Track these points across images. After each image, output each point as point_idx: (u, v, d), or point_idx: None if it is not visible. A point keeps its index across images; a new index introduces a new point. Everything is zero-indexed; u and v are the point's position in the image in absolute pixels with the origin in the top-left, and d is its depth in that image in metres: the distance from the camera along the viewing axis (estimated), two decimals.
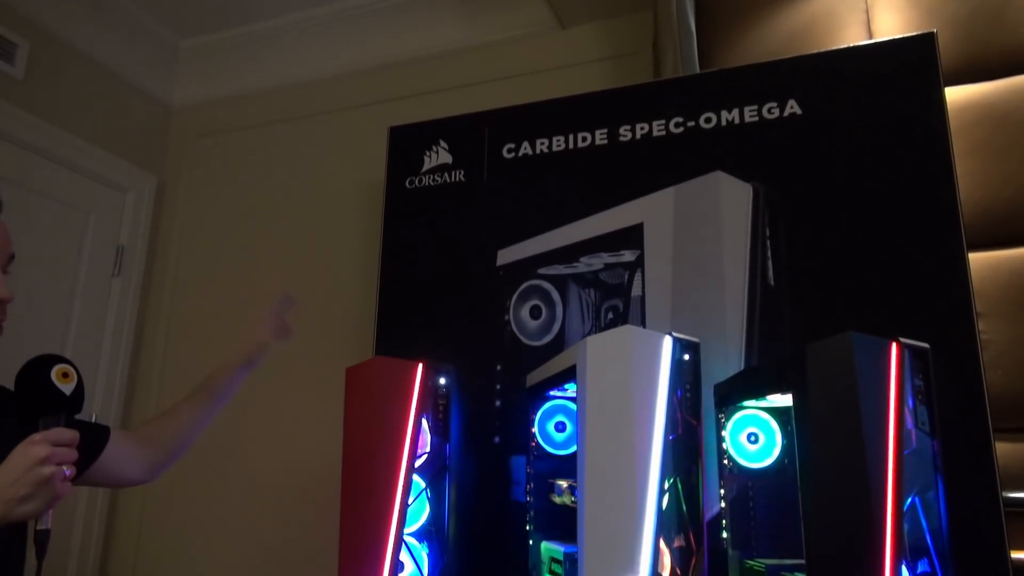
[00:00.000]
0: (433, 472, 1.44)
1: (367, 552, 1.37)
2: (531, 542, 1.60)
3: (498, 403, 1.92)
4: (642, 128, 1.94)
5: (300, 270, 2.45)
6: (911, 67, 1.71)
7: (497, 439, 1.89)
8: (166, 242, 2.70)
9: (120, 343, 2.55)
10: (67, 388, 0.98)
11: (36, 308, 2.25)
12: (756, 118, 1.83)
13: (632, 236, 1.88)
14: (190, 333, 2.57)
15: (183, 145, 2.76)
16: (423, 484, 1.44)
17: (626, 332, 1.31)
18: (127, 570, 2.40)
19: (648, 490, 1.24)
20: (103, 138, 2.54)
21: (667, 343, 1.30)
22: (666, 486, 1.27)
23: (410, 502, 1.42)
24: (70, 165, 2.43)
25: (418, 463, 1.44)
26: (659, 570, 1.23)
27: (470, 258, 2.03)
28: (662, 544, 1.25)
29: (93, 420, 2.40)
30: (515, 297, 1.97)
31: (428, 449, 1.46)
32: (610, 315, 1.87)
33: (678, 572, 1.26)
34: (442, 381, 1.45)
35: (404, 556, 1.43)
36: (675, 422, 1.29)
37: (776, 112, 1.82)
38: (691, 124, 1.90)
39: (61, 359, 1.00)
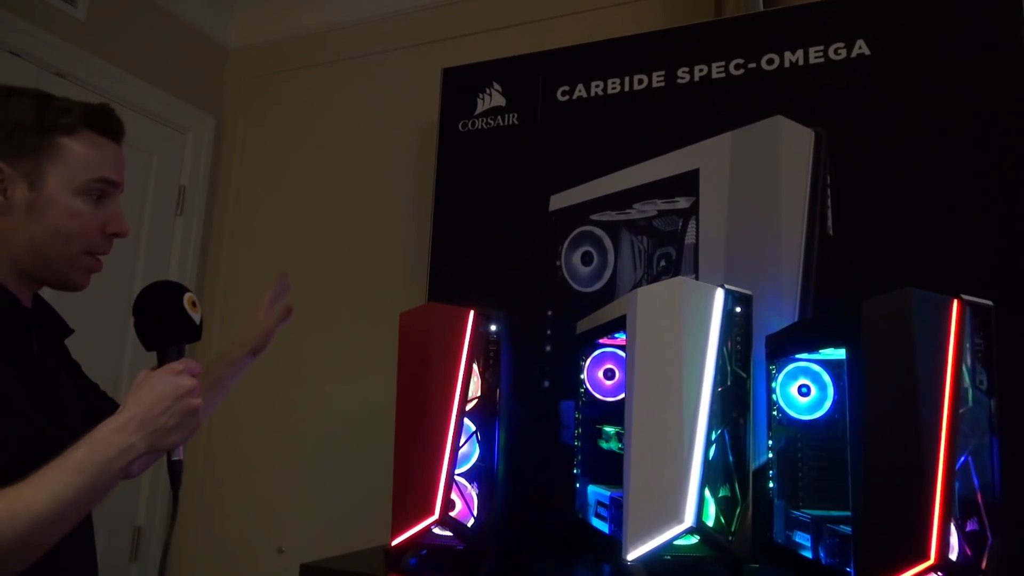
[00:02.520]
0: (483, 416, 1.47)
1: (420, 490, 1.41)
2: (578, 485, 1.64)
3: (548, 348, 1.94)
4: (701, 70, 1.89)
5: (354, 210, 2.48)
6: (990, 6, 1.61)
7: (547, 383, 1.92)
8: (225, 181, 2.76)
9: (184, 280, 2.63)
10: (196, 317, 0.97)
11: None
12: (821, 59, 1.76)
13: (687, 183, 1.85)
14: (249, 269, 2.64)
15: (240, 86, 2.79)
16: (473, 427, 1.48)
17: (677, 284, 1.30)
18: (193, 507, 2.54)
19: (695, 440, 1.25)
20: (163, 79, 2.58)
21: (719, 295, 1.29)
22: (713, 437, 1.28)
23: (461, 444, 1.46)
24: (132, 106, 2.47)
25: (469, 407, 1.47)
26: (704, 519, 1.25)
27: (522, 203, 2.03)
28: (707, 494, 1.27)
29: None
30: (567, 243, 1.96)
31: (479, 394, 1.49)
32: (662, 263, 1.85)
33: (723, 521, 1.27)
34: (492, 328, 1.47)
35: (455, 495, 1.48)
36: (724, 374, 1.29)
37: (843, 53, 1.75)
38: (752, 66, 1.84)
39: (184, 287, 0.98)
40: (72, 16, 2.30)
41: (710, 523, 1.27)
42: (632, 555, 1.22)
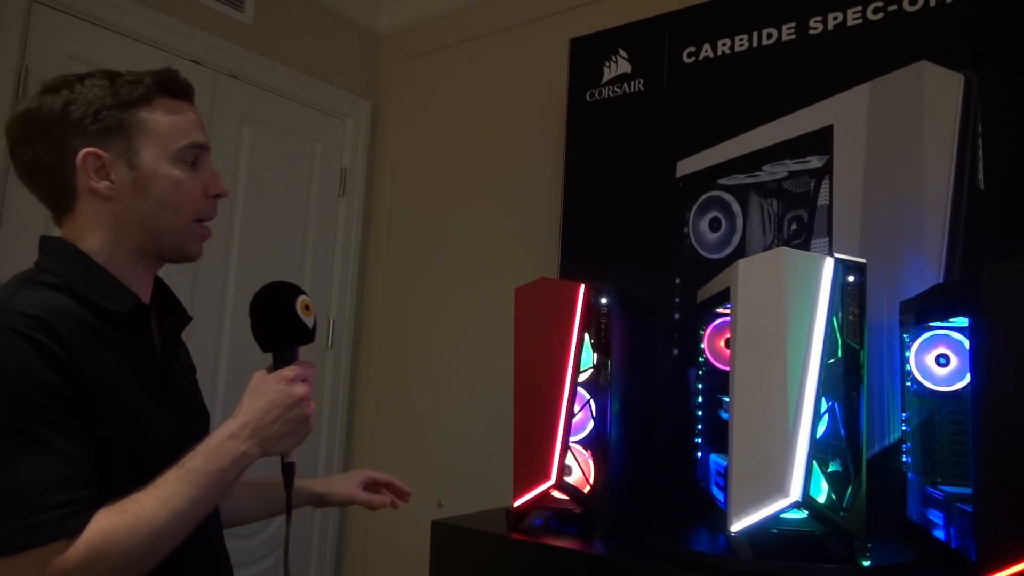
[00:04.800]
0: (596, 386, 1.52)
1: (538, 456, 1.49)
2: (699, 454, 1.64)
3: (677, 316, 1.93)
4: (835, 18, 1.77)
5: (492, 182, 2.57)
6: None
7: (676, 351, 1.92)
8: (382, 161, 2.95)
9: (349, 256, 2.87)
10: (309, 321, 0.96)
11: (277, 229, 2.60)
12: None
13: (820, 140, 1.76)
14: (407, 243, 2.83)
15: (390, 69, 2.96)
16: (587, 396, 1.52)
17: (779, 255, 1.26)
18: (365, 462, 2.79)
19: (801, 413, 1.22)
20: (322, 70, 2.79)
21: (828, 265, 1.24)
22: (822, 410, 1.24)
23: (575, 413, 1.51)
24: (297, 98, 2.71)
25: (582, 378, 1.52)
26: (814, 494, 1.22)
27: (650, 170, 2.02)
28: (817, 469, 1.23)
29: (331, 328, 2.79)
30: (694, 209, 1.93)
31: (592, 364, 1.53)
32: (793, 226, 1.78)
33: (834, 498, 1.24)
34: (603, 300, 1.50)
35: (571, 461, 1.54)
36: (834, 345, 1.24)
37: None
38: (892, 8, 1.69)
39: (300, 289, 0.97)
40: (240, 20, 2.55)
41: (820, 498, 1.24)
42: (736, 527, 1.22)
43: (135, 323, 0.98)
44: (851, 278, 1.25)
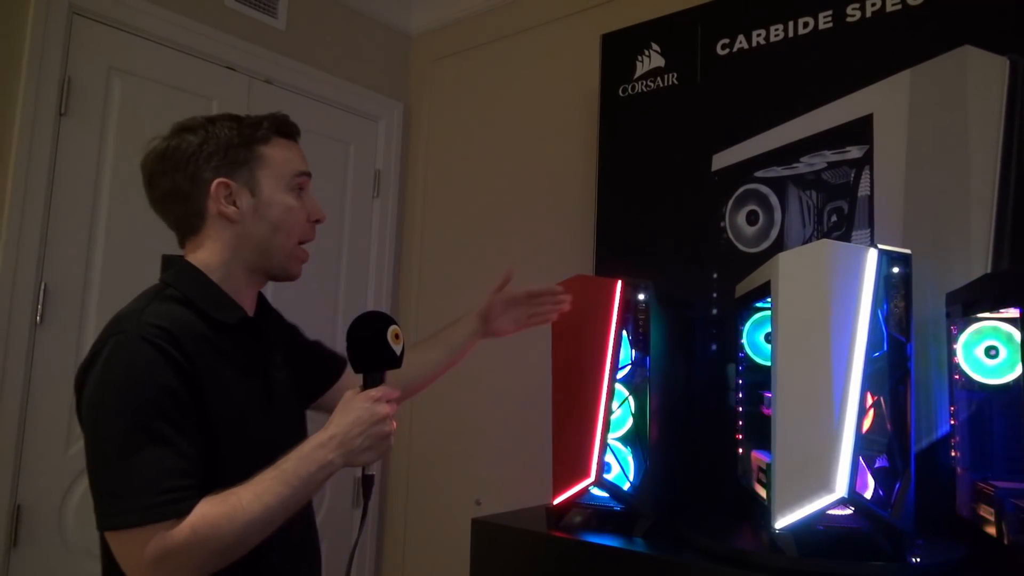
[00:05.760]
0: (635, 382, 1.50)
1: (577, 454, 1.49)
2: (740, 450, 1.62)
3: (715, 311, 1.91)
4: (873, 5, 1.73)
5: (526, 180, 2.57)
6: None
7: (714, 347, 1.90)
8: (414, 162, 2.96)
9: (384, 257, 2.89)
10: (398, 349, 1.05)
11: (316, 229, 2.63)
12: None
13: (859, 130, 1.72)
14: (440, 242, 2.84)
15: (421, 70, 2.97)
16: (626, 393, 1.51)
17: (822, 247, 1.24)
18: (402, 458, 2.81)
19: (846, 408, 1.20)
20: (354, 73, 2.81)
21: (871, 256, 1.22)
22: (868, 405, 1.21)
23: (614, 409, 1.50)
24: (329, 101, 2.73)
25: (620, 374, 1.51)
26: (859, 491, 1.20)
27: (685, 164, 2.00)
28: (863, 464, 1.21)
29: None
30: (731, 203, 1.91)
31: (630, 361, 1.52)
32: (834, 218, 1.75)
33: (881, 494, 1.21)
34: (641, 296, 1.49)
35: (610, 458, 1.53)
36: (880, 339, 1.22)
37: None
38: None
39: (392, 319, 1.07)
40: (273, 27, 2.58)
41: (867, 494, 1.21)
42: (780, 524, 1.21)
43: (242, 333, 1.10)
44: (896, 269, 1.22)
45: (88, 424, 0.97)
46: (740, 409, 1.63)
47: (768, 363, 1.57)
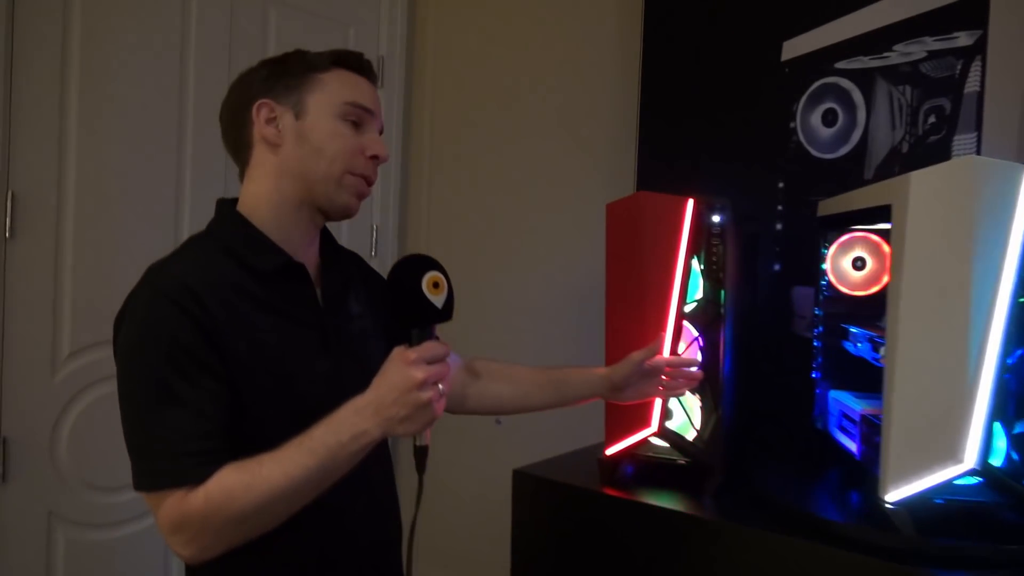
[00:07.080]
0: (707, 320, 1.29)
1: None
2: (818, 390, 1.42)
3: (779, 226, 1.68)
4: None
5: (552, 72, 2.27)
6: None
7: (777, 267, 1.68)
8: (423, 49, 2.64)
9: (391, 149, 2.60)
10: (438, 300, 0.91)
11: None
12: None
13: (970, 10, 1.44)
14: (452, 142, 2.56)
15: None
16: (695, 333, 1.30)
17: (966, 165, 0.99)
18: None
19: (983, 364, 0.99)
20: None
21: None
22: (1009, 361, 1.01)
23: (681, 352, 1.29)
24: None
25: (689, 309, 1.29)
26: (992, 461, 1.01)
27: (748, 53, 1.71)
28: (1000, 430, 1.01)
29: (374, 235, 2.58)
30: (804, 99, 1.64)
31: (700, 295, 1.30)
32: (931, 119, 1.49)
33: (1016, 459, 1.02)
34: (716, 219, 1.25)
35: (674, 405, 1.34)
36: None
37: None
38: None
39: (432, 264, 0.94)
40: None
41: (999, 463, 1.02)
42: (892, 496, 1.02)
43: (290, 279, 1.01)
44: None
45: (117, 380, 0.93)
46: (818, 344, 1.42)
47: (855, 292, 1.36)
